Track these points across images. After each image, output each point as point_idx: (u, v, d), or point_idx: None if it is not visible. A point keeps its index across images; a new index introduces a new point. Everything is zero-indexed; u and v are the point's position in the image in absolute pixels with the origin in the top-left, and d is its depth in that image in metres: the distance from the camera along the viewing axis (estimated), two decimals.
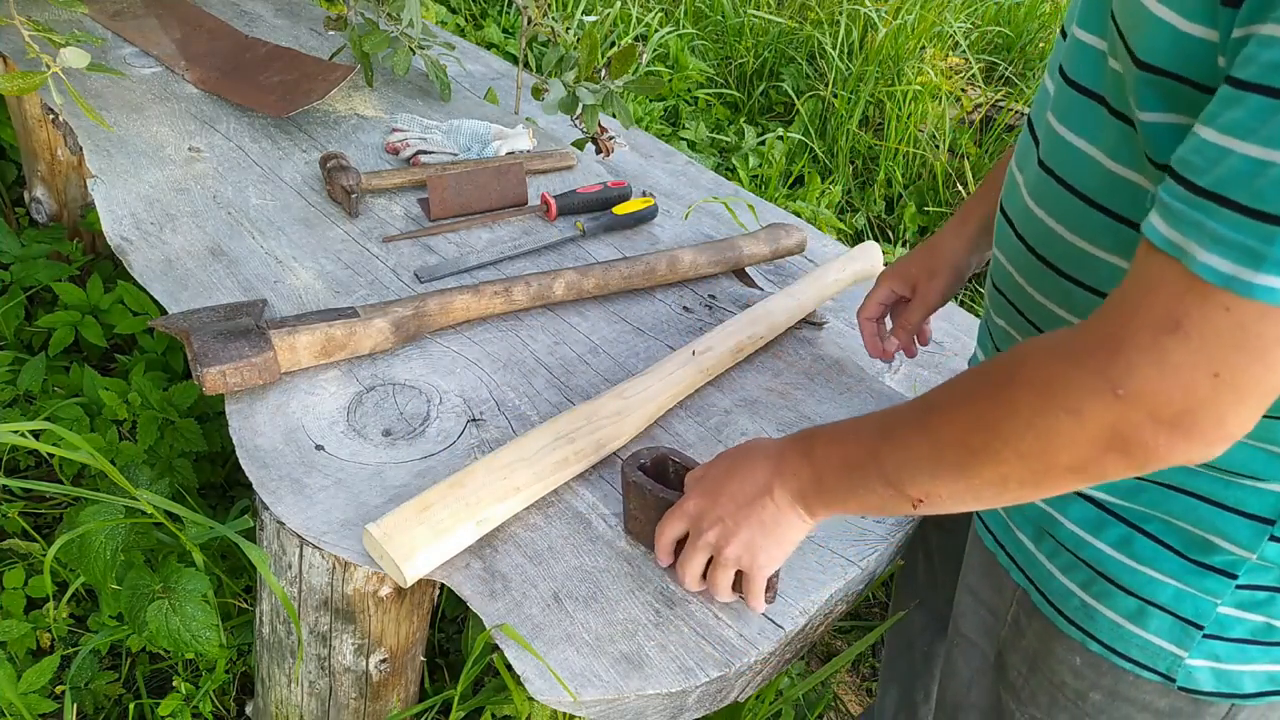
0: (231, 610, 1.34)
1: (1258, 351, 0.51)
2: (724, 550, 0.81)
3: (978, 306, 2.68)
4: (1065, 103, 0.70)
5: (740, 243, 1.36)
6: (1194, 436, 0.54)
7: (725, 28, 3.50)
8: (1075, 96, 0.68)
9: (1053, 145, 0.71)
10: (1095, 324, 0.57)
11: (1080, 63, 0.68)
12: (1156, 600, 0.73)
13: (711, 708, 0.88)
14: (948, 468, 0.65)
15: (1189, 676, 0.74)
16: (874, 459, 0.70)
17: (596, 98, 1.50)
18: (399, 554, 0.83)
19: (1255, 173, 0.49)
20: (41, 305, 1.88)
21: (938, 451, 0.65)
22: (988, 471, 0.62)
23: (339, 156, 1.37)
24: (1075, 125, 0.69)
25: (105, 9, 1.74)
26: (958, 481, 0.65)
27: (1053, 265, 0.73)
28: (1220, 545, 0.70)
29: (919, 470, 0.67)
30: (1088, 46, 0.67)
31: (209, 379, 0.97)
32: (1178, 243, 0.52)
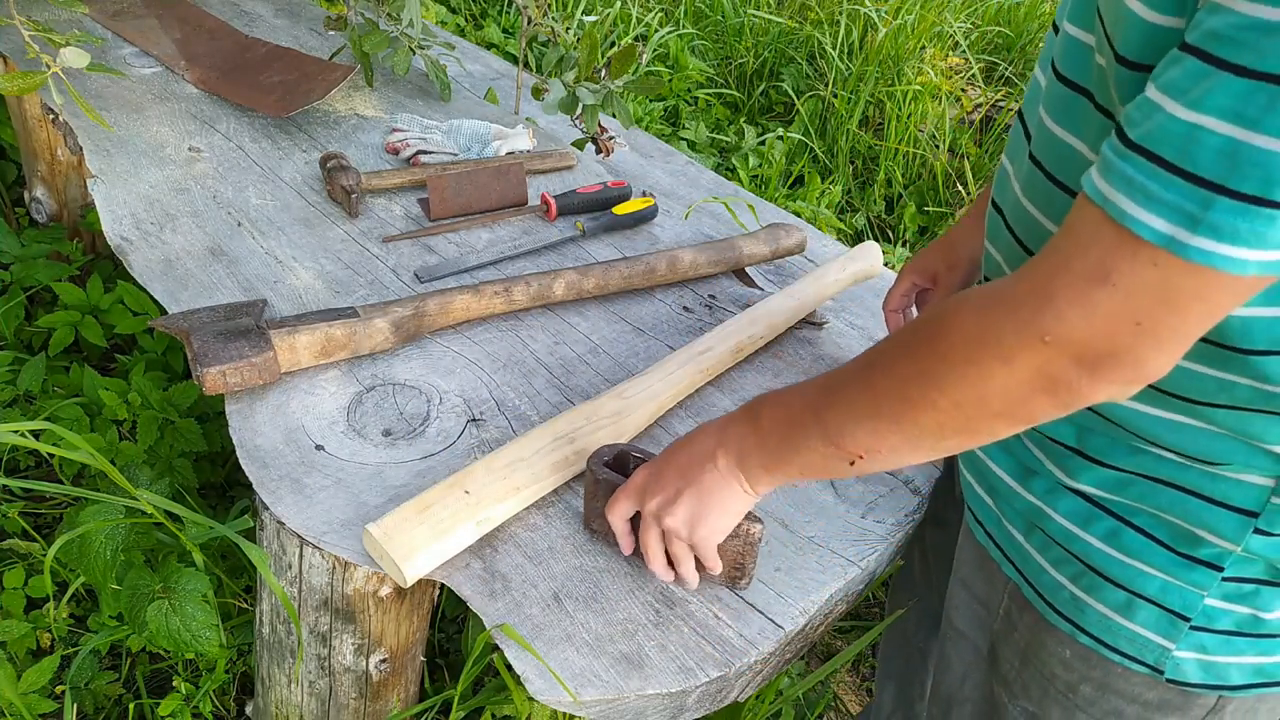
0: (231, 610, 1.34)
1: (1179, 305, 0.54)
2: (665, 520, 0.81)
3: None
4: (1055, 97, 0.70)
5: (740, 243, 1.36)
6: (1115, 378, 0.58)
7: (725, 28, 3.50)
8: (1065, 91, 0.69)
9: (1043, 139, 0.72)
10: (1027, 274, 0.59)
11: (1070, 58, 0.68)
12: (1144, 593, 0.74)
13: (711, 708, 0.88)
14: (886, 420, 0.67)
15: (1176, 668, 0.74)
16: (815, 416, 0.72)
17: (596, 98, 1.50)
18: (399, 554, 0.83)
19: (1185, 134, 0.52)
20: (41, 305, 1.88)
21: (876, 404, 0.67)
22: (925, 419, 0.65)
23: (339, 156, 1.37)
24: (1064, 120, 0.69)
25: (105, 9, 1.74)
26: (895, 433, 0.67)
27: None
28: (1206, 538, 0.71)
29: (859, 424, 0.69)
30: (1077, 41, 0.67)
31: (209, 379, 0.97)
32: (1107, 195, 0.55)
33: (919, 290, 1.13)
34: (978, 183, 2.99)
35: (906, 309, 1.15)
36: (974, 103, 3.25)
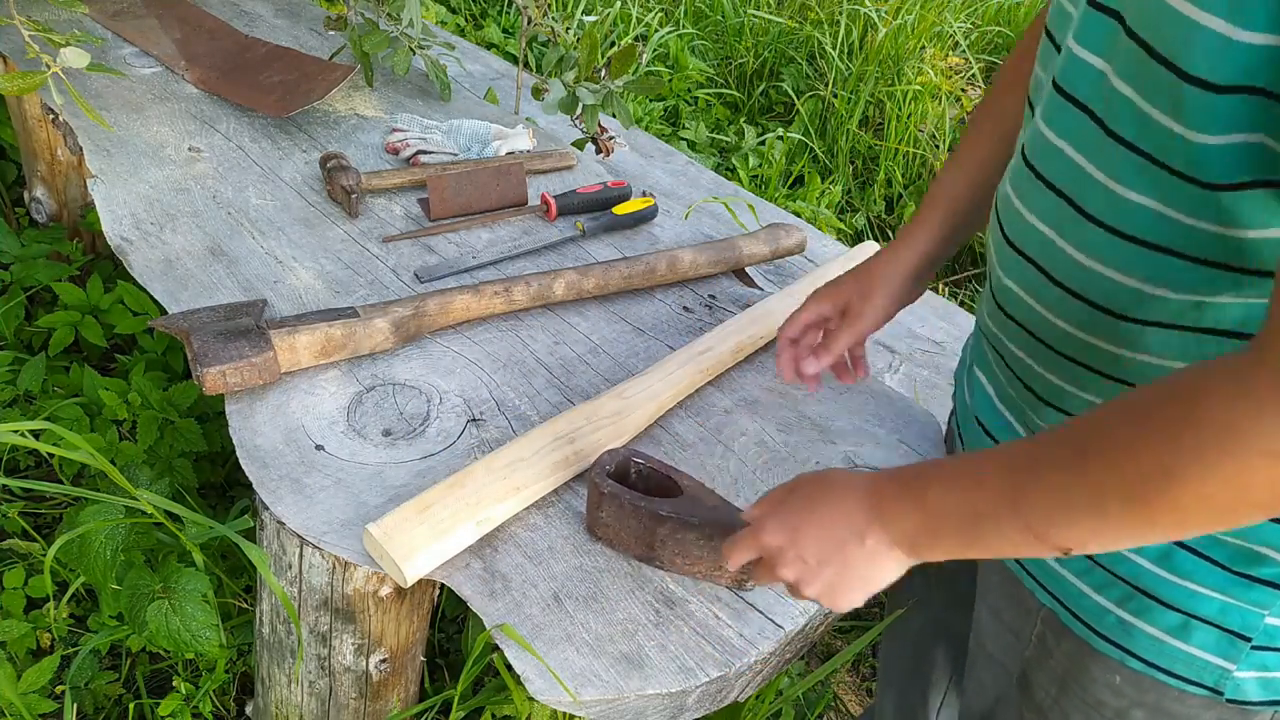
0: (231, 610, 1.34)
1: None
2: (802, 590, 0.75)
3: (978, 305, 2.69)
4: (1054, 107, 0.69)
5: (740, 243, 1.36)
6: None
7: (725, 28, 3.50)
8: (1064, 104, 0.67)
9: (1035, 140, 0.71)
10: (1270, 358, 0.52)
11: (1075, 77, 0.66)
12: (1201, 614, 0.71)
13: (711, 708, 0.88)
14: (1113, 516, 0.59)
15: (1237, 689, 0.72)
16: (1010, 507, 0.63)
17: (596, 98, 1.50)
18: (399, 554, 0.83)
19: None
20: (41, 305, 1.88)
21: (1100, 501, 0.59)
22: (1163, 518, 0.57)
23: (339, 156, 1.37)
24: (1060, 129, 0.68)
25: (105, 9, 1.74)
26: (1122, 529, 0.59)
27: (1027, 257, 0.73)
28: (1270, 556, 0.68)
29: (1074, 520, 0.60)
30: (1086, 64, 0.65)
31: (209, 379, 0.97)
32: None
33: (827, 320, 1.04)
34: None
35: (802, 340, 1.05)
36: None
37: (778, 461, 1.05)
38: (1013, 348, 0.79)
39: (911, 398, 1.19)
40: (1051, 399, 0.77)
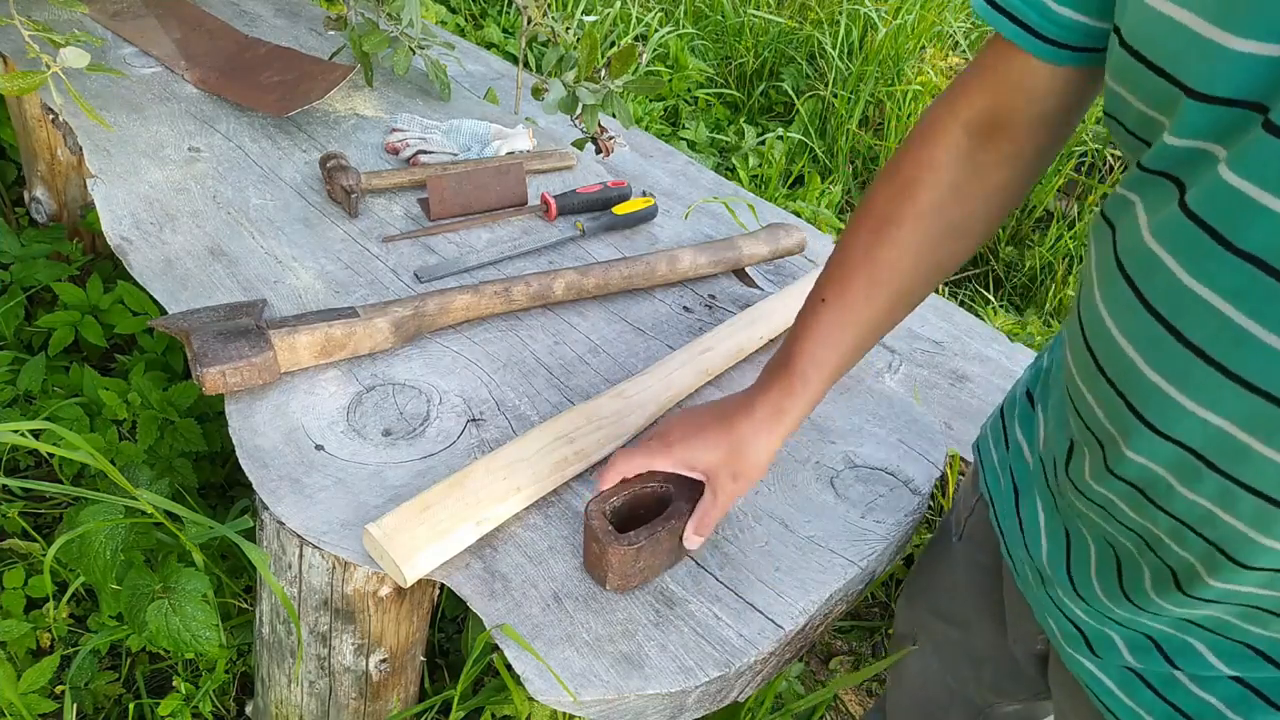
0: (231, 610, 1.34)
1: None
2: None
3: (977, 305, 2.69)
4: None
5: (740, 243, 1.36)
6: None
7: (725, 28, 3.50)
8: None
9: None
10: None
11: None
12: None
13: (711, 708, 0.88)
14: None
15: None
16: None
17: (596, 98, 1.50)
18: (399, 554, 0.83)
19: None
20: (41, 305, 1.88)
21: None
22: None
23: (339, 156, 1.37)
24: None
25: (105, 9, 1.74)
26: None
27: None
28: None
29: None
30: None
31: (209, 379, 0.97)
32: None
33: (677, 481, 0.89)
34: None
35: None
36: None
37: (777, 461, 1.05)
38: None
39: (911, 397, 1.19)
40: None
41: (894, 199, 0.79)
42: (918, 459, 1.08)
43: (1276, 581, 0.57)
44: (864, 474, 1.05)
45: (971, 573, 0.97)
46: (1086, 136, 2.96)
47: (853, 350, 0.82)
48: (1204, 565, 0.59)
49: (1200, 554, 0.59)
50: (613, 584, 0.86)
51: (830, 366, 0.82)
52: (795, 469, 1.04)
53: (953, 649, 1.04)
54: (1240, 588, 0.59)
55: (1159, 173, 0.55)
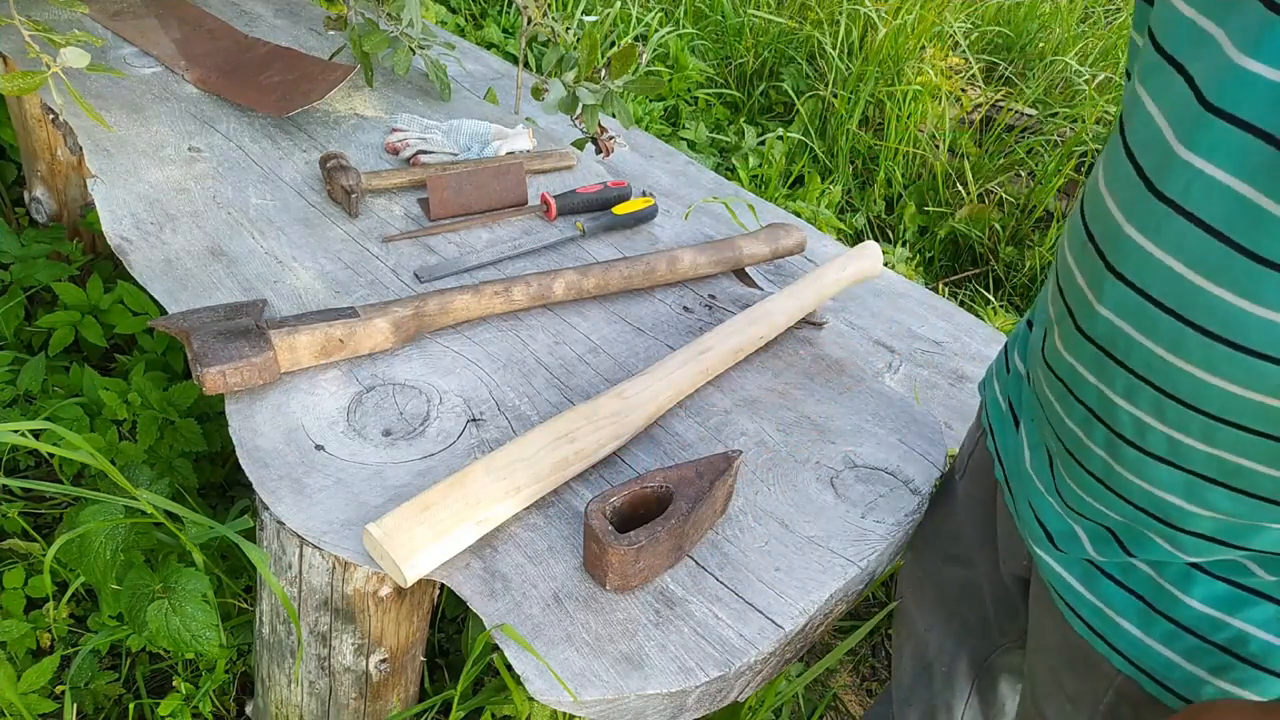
0: (231, 610, 1.34)
1: None
2: None
3: (977, 305, 2.69)
4: None
5: (740, 243, 1.36)
6: None
7: (725, 28, 3.50)
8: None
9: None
10: None
11: None
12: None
13: (711, 708, 0.88)
14: None
15: None
16: None
17: (596, 98, 1.50)
18: (399, 554, 0.83)
19: None
20: (41, 305, 1.88)
21: None
22: None
23: (339, 156, 1.37)
24: None
25: (105, 9, 1.74)
26: None
27: None
28: None
29: None
30: None
31: (209, 379, 0.97)
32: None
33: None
34: (978, 182, 3.00)
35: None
36: (974, 103, 3.25)
37: (778, 461, 1.05)
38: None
39: (911, 397, 1.19)
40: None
41: None
42: (918, 459, 1.08)
43: (1213, 432, 0.62)
44: (864, 474, 1.05)
45: (971, 509, 1.02)
46: (1087, 136, 2.96)
47: None
48: (1154, 414, 0.65)
49: (1150, 405, 0.64)
50: (613, 584, 0.86)
51: None
52: (795, 469, 1.04)
53: (958, 591, 1.07)
54: (1185, 438, 0.64)
55: (1169, 59, 0.60)
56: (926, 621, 1.14)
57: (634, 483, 0.88)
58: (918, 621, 1.15)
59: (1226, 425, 0.61)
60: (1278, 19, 0.52)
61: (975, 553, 1.02)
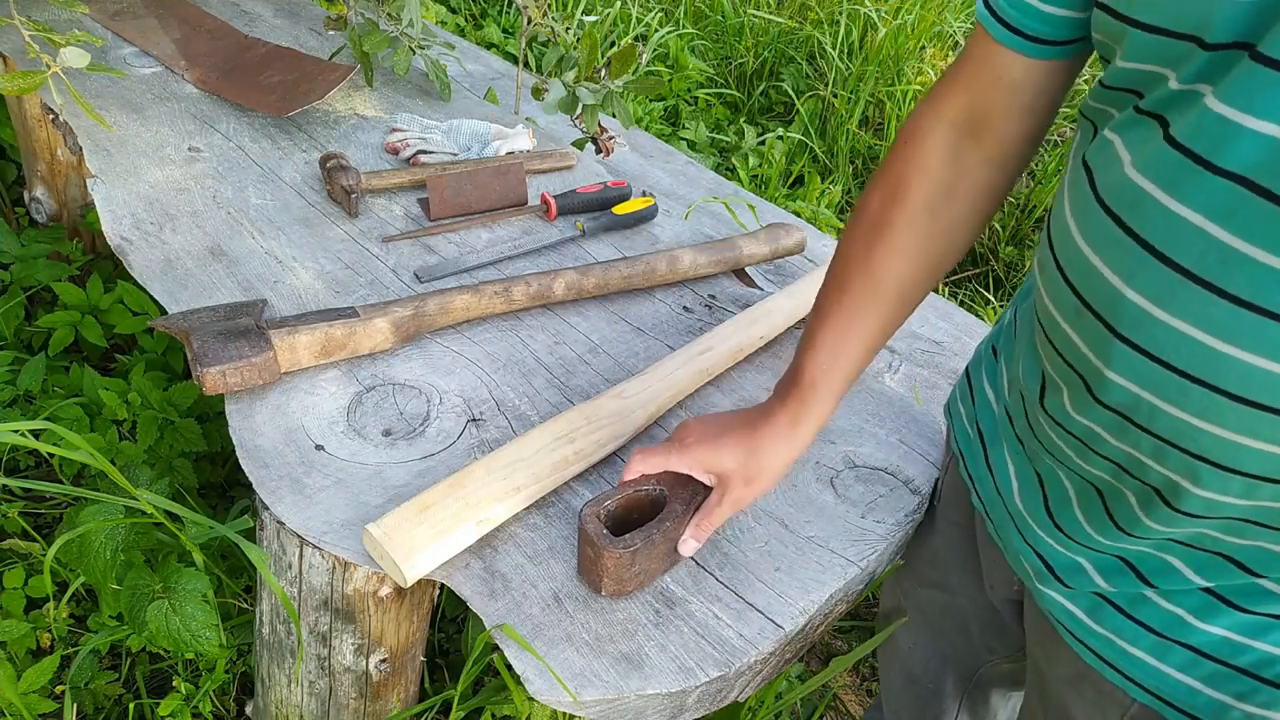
0: (231, 610, 1.34)
1: None
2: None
3: (977, 306, 2.69)
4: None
5: (740, 243, 1.36)
6: None
7: (725, 28, 3.50)
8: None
9: None
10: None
11: None
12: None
13: (711, 708, 0.88)
14: None
15: None
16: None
17: (596, 98, 1.50)
18: (399, 554, 0.83)
19: None
20: (41, 305, 1.88)
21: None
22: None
23: (339, 156, 1.37)
24: None
25: (105, 9, 1.74)
26: None
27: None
28: None
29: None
30: None
31: (209, 379, 0.97)
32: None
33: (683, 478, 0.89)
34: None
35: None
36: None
37: None
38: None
39: (911, 397, 1.19)
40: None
41: (886, 203, 0.81)
42: (918, 459, 1.08)
43: (1255, 489, 0.60)
44: (864, 474, 1.05)
45: (948, 533, 1.00)
46: None
47: (859, 357, 0.84)
48: (1188, 478, 0.62)
49: (1183, 468, 0.62)
50: (608, 589, 0.86)
51: (839, 374, 0.84)
52: (795, 469, 1.04)
53: (939, 614, 1.06)
54: (1224, 498, 0.61)
55: (1149, 114, 0.60)
56: (910, 639, 1.13)
57: (627, 486, 0.88)
58: (901, 638, 1.14)
59: (1269, 483, 0.58)
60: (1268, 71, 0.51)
61: (954, 577, 1.01)
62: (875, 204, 0.82)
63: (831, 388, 0.84)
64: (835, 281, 0.84)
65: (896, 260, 0.81)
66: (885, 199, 0.82)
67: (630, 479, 0.88)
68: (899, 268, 0.81)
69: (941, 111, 0.80)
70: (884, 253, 0.81)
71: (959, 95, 0.79)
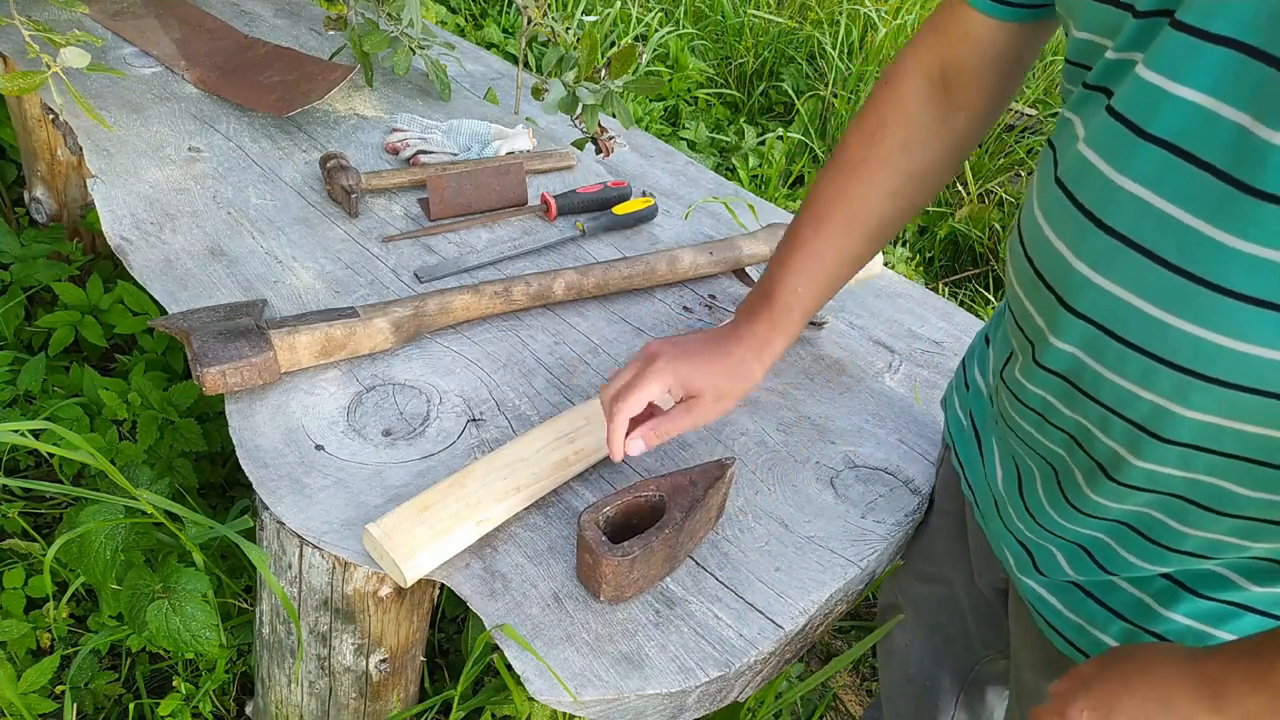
0: (231, 610, 1.34)
1: None
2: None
3: (977, 306, 2.69)
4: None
5: (740, 243, 1.36)
6: None
7: (725, 28, 3.50)
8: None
9: None
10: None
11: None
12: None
13: (711, 707, 0.88)
14: None
15: None
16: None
17: (596, 98, 1.50)
18: (399, 554, 0.83)
19: None
20: (41, 305, 1.88)
21: None
22: None
23: (339, 156, 1.37)
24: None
25: (105, 9, 1.74)
26: None
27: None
28: None
29: None
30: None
31: (209, 379, 0.97)
32: None
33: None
34: (977, 182, 3.00)
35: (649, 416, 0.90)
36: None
37: (778, 461, 1.05)
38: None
39: (911, 397, 1.19)
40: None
41: (866, 140, 0.85)
42: (918, 459, 1.08)
43: (1190, 459, 0.61)
44: (864, 474, 1.05)
45: (942, 523, 1.01)
46: None
47: (830, 284, 0.88)
48: (1129, 448, 0.64)
49: (1124, 437, 0.64)
50: (607, 595, 0.86)
51: (810, 299, 0.88)
52: (795, 469, 1.04)
53: (935, 608, 1.07)
54: (1162, 468, 0.63)
55: (1096, 87, 0.62)
56: (906, 637, 1.14)
57: (627, 492, 0.88)
58: (898, 636, 1.15)
59: (1203, 452, 0.60)
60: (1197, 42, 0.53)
61: (949, 569, 1.02)
62: (855, 142, 0.86)
63: (803, 312, 0.88)
64: (812, 213, 0.87)
65: (874, 195, 0.85)
66: (864, 139, 0.85)
67: (639, 407, 0.86)
68: (876, 202, 0.85)
69: (919, 60, 0.84)
70: (863, 188, 0.85)
71: (933, 48, 0.83)
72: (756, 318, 0.89)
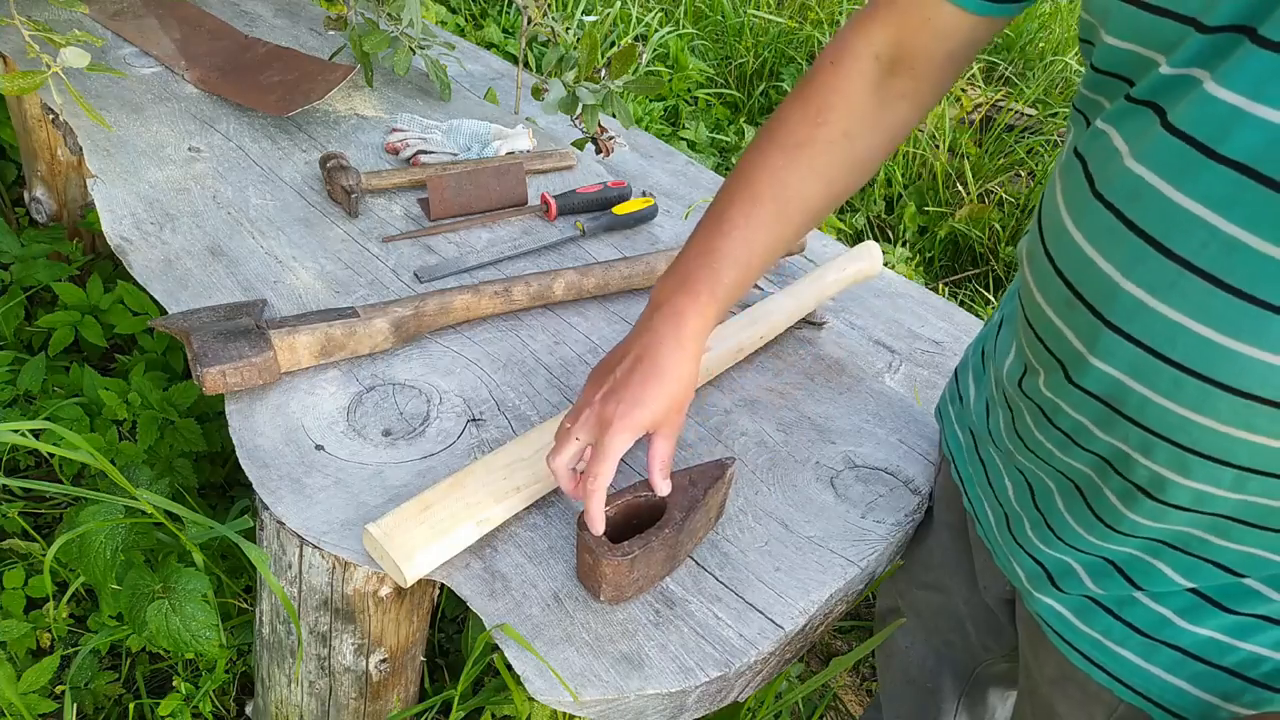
0: (231, 610, 1.34)
1: None
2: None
3: (977, 306, 2.69)
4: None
5: None
6: None
7: (725, 28, 3.50)
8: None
9: None
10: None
11: None
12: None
13: (711, 707, 0.88)
14: None
15: None
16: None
17: (596, 98, 1.50)
18: (399, 554, 0.83)
19: None
20: (41, 305, 1.88)
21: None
22: None
23: (339, 156, 1.37)
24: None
25: (105, 9, 1.74)
26: None
27: None
28: None
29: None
30: None
31: (209, 379, 0.97)
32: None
33: None
34: (978, 182, 2.99)
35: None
36: (974, 103, 3.25)
37: (778, 461, 1.05)
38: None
39: (911, 397, 1.19)
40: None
41: (808, 123, 0.81)
42: (918, 459, 1.08)
43: (1245, 482, 0.59)
44: (864, 474, 1.05)
45: (942, 533, 1.00)
46: None
47: (757, 272, 0.84)
48: (1177, 470, 0.61)
49: (1170, 461, 0.61)
50: (607, 595, 0.86)
51: (736, 288, 0.83)
52: (795, 469, 1.04)
53: (935, 614, 1.06)
54: (1214, 490, 0.61)
55: (1143, 102, 0.58)
56: (907, 639, 1.13)
57: (627, 492, 0.88)
58: (899, 638, 1.14)
59: (1259, 475, 0.58)
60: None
61: (949, 579, 1.01)
62: (796, 125, 0.81)
63: (728, 299, 0.82)
64: (745, 194, 0.81)
65: (812, 181, 0.81)
66: (807, 121, 0.81)
67: (609, 473, 0.82)
68: (813, 189, 0.81)
69: (870, 39, 0.80)
70: (802, 173, 0.81)
71: (889, 28, 0.79)
72: (683, 310, 0.81)
